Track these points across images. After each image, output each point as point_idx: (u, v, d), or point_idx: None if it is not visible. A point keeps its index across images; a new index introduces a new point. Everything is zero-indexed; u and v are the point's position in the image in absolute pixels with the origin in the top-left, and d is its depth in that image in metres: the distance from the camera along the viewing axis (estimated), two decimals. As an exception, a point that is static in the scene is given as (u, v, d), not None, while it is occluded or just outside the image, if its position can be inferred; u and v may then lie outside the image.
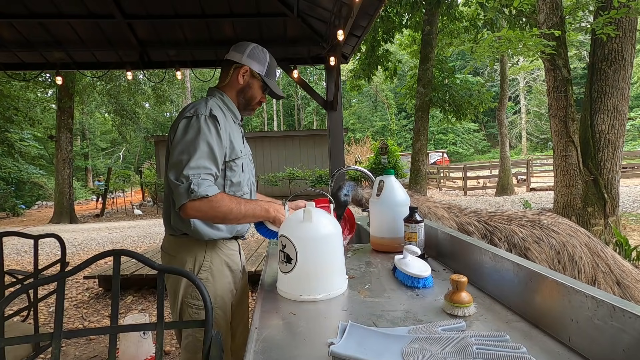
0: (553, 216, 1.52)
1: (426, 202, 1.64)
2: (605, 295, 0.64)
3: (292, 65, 4.58)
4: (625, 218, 5.79)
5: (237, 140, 1.30)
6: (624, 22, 4.45)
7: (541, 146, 30.45)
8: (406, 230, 1.30)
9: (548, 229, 1.44)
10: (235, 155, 1.27)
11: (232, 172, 1.27)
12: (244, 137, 1.41)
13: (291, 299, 0.96)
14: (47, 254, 6.19)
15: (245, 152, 1.36)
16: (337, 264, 1.01)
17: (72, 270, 1.01)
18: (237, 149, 1.28)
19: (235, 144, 1.27)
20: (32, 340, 1.01)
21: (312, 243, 0.97)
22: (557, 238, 1.42)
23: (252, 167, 1.45)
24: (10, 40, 4.05)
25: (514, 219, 1.52)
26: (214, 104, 1.25)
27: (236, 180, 1.29)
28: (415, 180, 10.39)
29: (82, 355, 2.57)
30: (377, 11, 3.39)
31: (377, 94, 33.92)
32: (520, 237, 1.44)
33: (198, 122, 1.17)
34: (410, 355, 0.64)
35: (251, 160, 1.44)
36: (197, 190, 1.09)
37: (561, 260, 1.38)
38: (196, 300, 1.24)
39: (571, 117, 4.84)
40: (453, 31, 11.07)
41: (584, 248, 1.40)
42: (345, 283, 1.03)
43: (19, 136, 14.15)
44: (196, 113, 1.19)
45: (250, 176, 1.40)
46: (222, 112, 1.26)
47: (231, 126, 1.29)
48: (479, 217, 1.56)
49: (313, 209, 1.01)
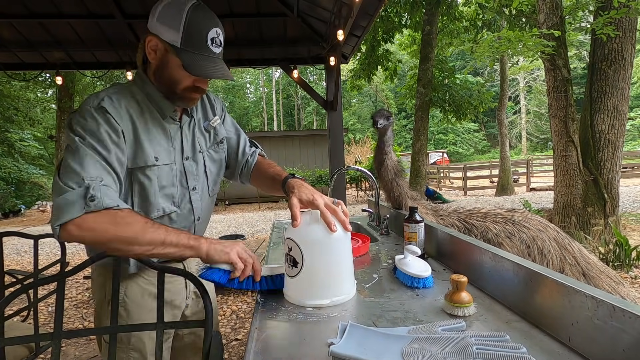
0: (525, 213, 1.61)
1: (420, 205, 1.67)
2: (605, 295, 0.64)
3: (292, 65, 4.58)
4: (625, 218, 5.79)
5: (155, 143, 0.97)
6: (624, 22, 4.45)
7: (541, 146, 30.46)
8: (406, 230, 1.30)
9: (519, 224, 1.53)
10: (143, 163, 0.94)
11: (139, 185, 0.95)
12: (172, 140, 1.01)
13: (298, 304, 0.92)
14: (47, 254, 6.19)
15: (170, 159, 0.99)
16: (345, 268, 0.95)
17: (72, 270, 1.01)
18: (149, 155, 0.94)
19: (146, 148, 0.94)
20: (32, 340, 1.01)
21: (318, 247, 0.90)
22: (528, 233, 1.50)
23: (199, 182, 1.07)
24: (10, 40, 4.05)
25: (489, 216, 1.60)
26: (115, 93, 0.94)
27: (145, 200, 0.96)
28: (415, 180, 10.38)
29: (82, 355, 2.57)
30: (377, 11, 3.40)
31: (377, 94, 33.91)
32: (494, 233, 1.52)
33: (84, 117, 0.88)
34: (410, 355, 0.64)
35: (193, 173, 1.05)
36: (100, 199, 0.80)
37: (531, 253, 1.47)
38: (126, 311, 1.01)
39: (571, 117, 4.84)
40: (453, 31, 11.08)
41: (552, 242, 1.49)
42: (353, 289, 0.98)
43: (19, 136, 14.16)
44: (82, 107, 0.91)
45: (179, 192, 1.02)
46: (122, 104, 0.93)
47: (147, 124, 0.96)
48: (459, 216, 1.64)
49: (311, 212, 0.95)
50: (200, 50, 0.92)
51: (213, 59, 0.94)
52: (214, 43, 0.94)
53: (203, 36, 0.91)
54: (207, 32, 0.92)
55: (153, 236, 0.83)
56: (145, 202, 0.96)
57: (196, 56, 0.91)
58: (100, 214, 0.80)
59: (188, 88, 0.96)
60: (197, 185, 1.07)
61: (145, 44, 0.95)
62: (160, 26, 0.92)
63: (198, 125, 1.10)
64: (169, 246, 0.84)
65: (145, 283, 1.03)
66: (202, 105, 1.14)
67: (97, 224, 0.80)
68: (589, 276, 1.44)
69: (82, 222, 0.80)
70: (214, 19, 0.94)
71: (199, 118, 1.11)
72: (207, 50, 0.93)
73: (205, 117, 1.13)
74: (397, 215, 1.71)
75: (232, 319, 3.05)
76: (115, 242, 0.82)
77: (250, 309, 3.21)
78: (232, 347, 2.60)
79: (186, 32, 0.90)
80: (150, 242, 0.83)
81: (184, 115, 1.06)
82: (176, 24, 0.90)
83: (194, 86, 0.96)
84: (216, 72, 0.94)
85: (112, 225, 0.81)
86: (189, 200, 1.05)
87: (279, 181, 1.08)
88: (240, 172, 1.23)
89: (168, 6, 0.92)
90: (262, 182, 1.20)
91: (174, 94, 0.97)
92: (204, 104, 1.14)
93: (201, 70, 0.92)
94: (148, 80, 0.98)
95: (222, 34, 0.96)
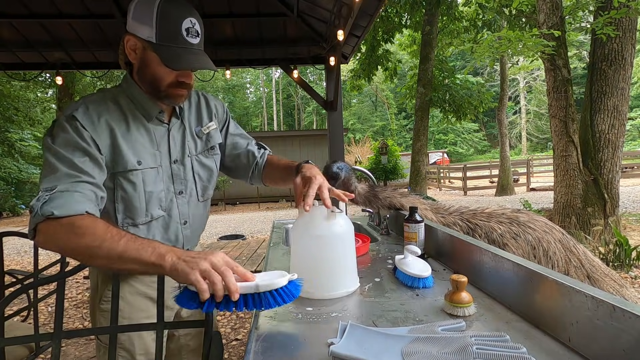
0: (530, 214, 1.59)
1: (417, 202, 1.66)
2: (605, 295, 0.64)
3: (292, 65, 4.58)
4: (625, 218, 5.79)
5: (138, 146, 0.95)
6: (624, 22, 4.46)
7: (541, 146, 30.47)
8: (406, 230, 1.30)
9: (525, 225, 1.51)
10: (123, 168, 0.92)
11: (122, 191, 0.93)
12: (157, 143, 0.99)
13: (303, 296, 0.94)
14: (47, 254, 6.19)
15: (155, 162, 0.97)
16: (346, 263, 0.99)
17: (72, 270, 1.01)
18: (129, 160, 0.92)
19: (125, 153, 0.92)
20: (32, 340, 1.01)
21: (323, 239, 0.95)
22: (533, 234, 1.48)
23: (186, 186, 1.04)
24: (10, 40, 4.05)
25: (494, 216, 1.58)
26: (92, 102, 0.93)
27: (130, 205, 0.94)
28: (415, 180, 10.40)
29: (82, 355, 2.57)
30: (377, 11, 3.40)
31: (377, 94, 33.93)
32: (498, 233, 1.50)
33: (55, 127, 0.88)
34: (410, 355, 0.64)
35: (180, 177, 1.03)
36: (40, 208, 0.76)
37: (537, 255, 1.45)
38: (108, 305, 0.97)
39: (571, 117, 4.84)
40: (453, 31, 11.08)
41: (557, 244, 1.47)
42: (357, 282, 1.02)
43: (19, 136, 14.15)
44: (57, 117, 0.89)
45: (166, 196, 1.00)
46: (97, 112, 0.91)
47: (129, 129, 0.94)
48: (461, 216, 1.61)
49: (319, 207, 0.98)
50: (176, 42, 0.89)
51: (191, 50, 0.90)
52: (190, 34, 0.90)
53: (177, 28, 0.88)
54: (180, 23, 0.88)
55: (110, 249, 0.74)
56: (130, 207, 0.94)
57: (173, 49, 0.89)
58: (60, 223, 0.76)
59: (172, 84, 0.94)
60: (184, 190, 1.05)
61: (124, 45, 0.94)
62: (135, 24, 0.90)
63: (189, 129, 1.07)
64: (128, 262, 0.74)
65: (135, 282, 1.02)
66: (197, 109, 1.11)
67: (57, 233, 0.77)
68: (594, 279, 1.44)
69: (45, 229, 0.78)
70: (186, 9, 0.90)
71: (190, 121, 1.08)
72: (183, 42, 0.89)
73: (198, 122, 1.10)
74: (397, 215, 1.71)
75: (232, 319, 3.05)
76: (75, 253, 0.78)
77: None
78: (232, 347, 2.61)
79: (159, 26, 0.87)
80: (107, 255, 0.75)
81: (173, 117, 1.03)
82: (149, 19, 0.87)
83: (177, 81, 0.94)
84: (196, 63, 0.90)
85: (69, 234, 0.76)
86: (175, 204, 1.03)
87: (293, 167, 1.08)
88: (251, 174, 1.22)
89: (140, 2, 0.89)
90: (275, 175, 1.19)
91: (159, 92, 0.95)
92: (199, 107, 1.11)
93: (180, 63, 0.89)
94: (133, 82, 0.97)
95: (197, 23, 0.92)
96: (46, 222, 0.77)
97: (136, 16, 0.89)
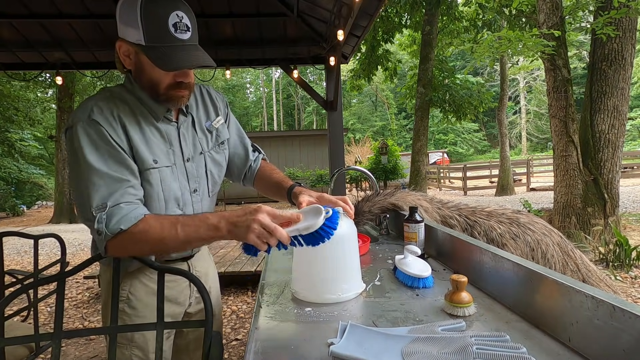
0: (530, 215, 1.59)
1: (409, 196, 1.66)
2: (605, 295, 0.64)
3: (292, 65, 4.58)
4: (625, 218, 5.79)
5: (152, 145, 0.93)
6: (624, 22, 4.45)
7: (541, 146, 30.46)
8: (406, 230, 1.30)
9: (525, 226, 1.51)
10: (141, 167, 0.91)
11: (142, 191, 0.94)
12: (169, 142, 0.98)
13: (307, 301, 0.94)
14: (47, 254, 6.19)
15: (170, 161, 0.97)
16: (350, 266, 0.98)
17: (72, 270, 1.01)
18: (146, 158, 0.91)
19: (141, 153, 0.91)
20: (32, 340, 1.01)
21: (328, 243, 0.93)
22: (533, 236, 1.48)
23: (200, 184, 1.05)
24: (10, 40, 4.05)
25: (494, 215, 1.58)
26: (103, 100, 0.90)
27: (150, 205, 0.94)
28: (415, 180, 10.40)
29: (82, 355, 2.57)
30: (377, 11, 3.40)
31: (377, 94, 33.93)
32: (498, 233, 1.49)
33: (77, 135, 0.85)
34: (410, 355, 0.64)
35: (194, 175, 1.03)
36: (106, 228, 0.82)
37: (535, 257, 1.45)
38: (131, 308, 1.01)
39: (571, 117, 4.84)
40: (453, 31, 11.09)
41: (556, 247, 1.47)
42: (360, 287, 0.99)
43: (19, 136, 14.17)
44: (73, 122, 0.87)
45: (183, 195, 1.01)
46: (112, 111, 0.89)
47: (141, 128, 0.92)
48: (460, 212, 1.61)
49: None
50: (165, 41, 0.83)
51: (182, 47, 0.85)
52: (179, 29, 0.84)
53: (163, 25, 0.82)
54: (165, 19, 0.82)
55: (173, 241, 0.83)
56: (149, 207, 0.93)
57: (163, 49, 0.83)
58: (122, 237, 0.83)
59: (171, 86, 0.90)
60: (198, 187, 1.05)
61: (118, 52, 0.90)
62: (124, 28, 0.85)
63: (199, 125, 1.05)
64: (194, 242, 0.85)
65: (149, 281, 1.02)
66: (204, 104, 1.09)
67: (123, 243, 0.84)
68: (589, 284, 1.45)
69: (113, 244, 0.84)
70: (170, 2, 0.84)
71: (200, 117, 1.06)
72: (172, 39, 0.83)
73: (207, 117, 1.08)
74: (397, 215, 1.71)
75: (232, 319, 3.05)
76: (147, 254, 0.92)
77: (250, 309, 3.21)
78: (232, 347, 2.61)
79: (145, 27, 0.82)
80: (174, 246, 0.85)
81: (180, 115, 1.01)
82: (134, 21, 0.82)
83: (176, 82, 0.90)
84: (191, 61, 0.85)
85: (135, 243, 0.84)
86: (191, 202, 1.03)
87: (285, 189, 1.11)
88: (244, 176, 1.23)
89: (123, 5, 0.84)
90: (265, 186, 1.21)
91: (159, 96, 0.92)
92: (205, 102, 1.10)
93: (173, 64, 0.83)
94: (136, 84, 0.94)
95: (186, 16, 0.85)
96: (113, 237, 0.83)
97: (123, 19, 0.85)
